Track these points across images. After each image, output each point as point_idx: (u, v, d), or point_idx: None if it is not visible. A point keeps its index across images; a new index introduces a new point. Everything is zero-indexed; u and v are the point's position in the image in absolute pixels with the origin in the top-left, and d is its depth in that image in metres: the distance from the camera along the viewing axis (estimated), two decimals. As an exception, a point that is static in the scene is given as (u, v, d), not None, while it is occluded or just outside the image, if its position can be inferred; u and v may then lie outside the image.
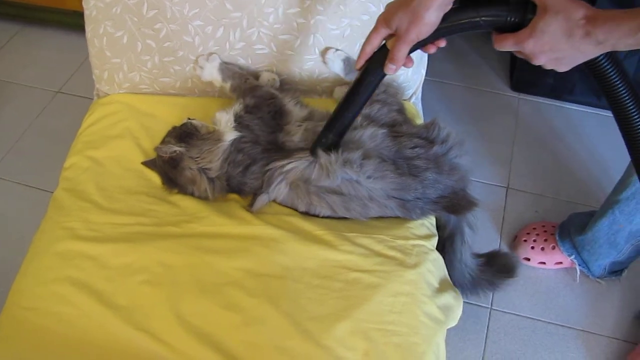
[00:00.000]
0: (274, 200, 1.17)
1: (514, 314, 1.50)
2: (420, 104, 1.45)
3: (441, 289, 1.11)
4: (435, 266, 1.12)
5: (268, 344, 0.99)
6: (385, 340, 0.99)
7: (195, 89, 1.36)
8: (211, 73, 1.26)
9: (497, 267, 1.38)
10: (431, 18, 0.87)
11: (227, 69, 1.26)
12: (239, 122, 1.17)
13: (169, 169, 1.17)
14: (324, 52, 1.28)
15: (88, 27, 1.31)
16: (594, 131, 1.84)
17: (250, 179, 1.16)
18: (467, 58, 2.06)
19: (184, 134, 1.18)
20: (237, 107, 1.19)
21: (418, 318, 1.03)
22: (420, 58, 1.34)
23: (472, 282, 1.36)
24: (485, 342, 1.45)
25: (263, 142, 1.15)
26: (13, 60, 2.13)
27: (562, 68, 0.84)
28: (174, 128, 1.21)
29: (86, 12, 1.29)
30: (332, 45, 1.27)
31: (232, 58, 1.30)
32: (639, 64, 1.70)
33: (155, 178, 1.23)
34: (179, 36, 1.28)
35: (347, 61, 1.27)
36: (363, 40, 1.26)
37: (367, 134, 1.14)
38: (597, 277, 1.50)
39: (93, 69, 1.37)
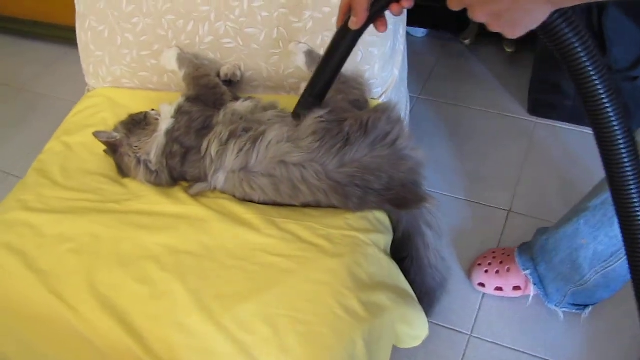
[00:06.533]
0: (215, 188, 1.15)
1: (496, 343, 1.33)
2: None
3: (373, 286, 1.02)
4: (368, 261, 1.03)
5: (168, 319, 0.95)
6: (289, 327, 0.92)
7: (172, 84, 1.40)
8: (170, 62, 1.29)
9: None
10: None
11: (184, 58, 1.29)
12: (179, 111, 1.18)
13: (111, 154, 1.20)
14: (288, 46, 1.27)
15: (77, 23, 1.40)
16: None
17: (190, 168, 1.16)
18: (483, 81, 1.98)
19: (133, 122, 1.21)
20: (180, 98, 1.21)
21: (331, 309, 0.94)
22: (389, 56, 1.30)
23: (440, 287, 1.26)
24: (459, 372, 1.30)
25: (197, 129, 1.15)
26: (58, 77, 2.32)
27: (508, 29, 0.70)
28: (129, 116, 1.24)
29: (77, 8, 1.39)
30: (295, 38, 1.27)
31: (202, 53, 1.33)
32: None
33: (117, 163, 1.26)
34: (154, 30, 1.33)
35: (309, 54, 1.25)
36: (326, 33, 1.26)
37: (311, 117, 1.11)
38: (555, 305, 1.30)
39: (82, 63, 1.45)
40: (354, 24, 0.87)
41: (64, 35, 2.36)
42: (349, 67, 1.27)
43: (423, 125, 1.85)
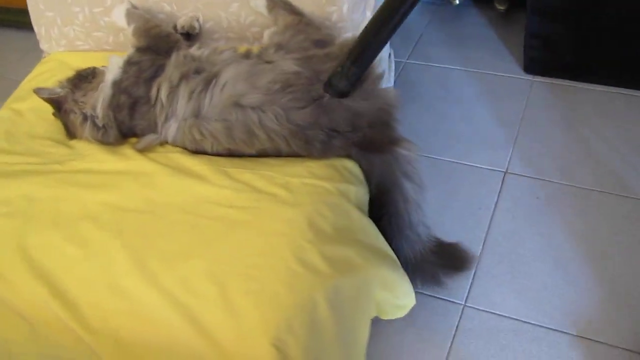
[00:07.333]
0: (167, 142, 1.04)
1: (493, 313, 1.19)
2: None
3: (339, 239, 0.89)
4: (334, 212, 0.90)
5: (102, 281, 0.84)
6: (239, 286, 0.80)
7: (129, 44, 1.28)
8: (119, 18, 1.19)
9: (445, 257, 1.13)
10: None
11: (134, 13, 1.18)
12: (128, 62, 1.07)
13: (57, 112, 1.10)
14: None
15: (25, -18, 1.30)
16: (620, 112, 1.53)
17: (139, 120, 1.05)
18: (476, 42, 1.84)
19: (79, 77, 1.12)
20: (131, 49, 1.10)
21: (287, 264, 0.82)
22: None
23: (419, 261, 1.10)
24: (452, 345, 1.16)
25: (146, 78, 1.04)
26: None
27: None
28: (76, 71, 1.14)
29: (22, -34, 1.29)
30: (254, -20, 1.15)
31: (156, 6, 1.23)
32: None
33: (67, 126, 1.16)
34: (105, -17, 1.23)
35: (269, -3, 1.14)
36: (286, -26, 1.14)
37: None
38: None
39: (34, 26, 1.35)
40: None
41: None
42: (312, 8, 1.16)
43: (412, 89, 1.72)
